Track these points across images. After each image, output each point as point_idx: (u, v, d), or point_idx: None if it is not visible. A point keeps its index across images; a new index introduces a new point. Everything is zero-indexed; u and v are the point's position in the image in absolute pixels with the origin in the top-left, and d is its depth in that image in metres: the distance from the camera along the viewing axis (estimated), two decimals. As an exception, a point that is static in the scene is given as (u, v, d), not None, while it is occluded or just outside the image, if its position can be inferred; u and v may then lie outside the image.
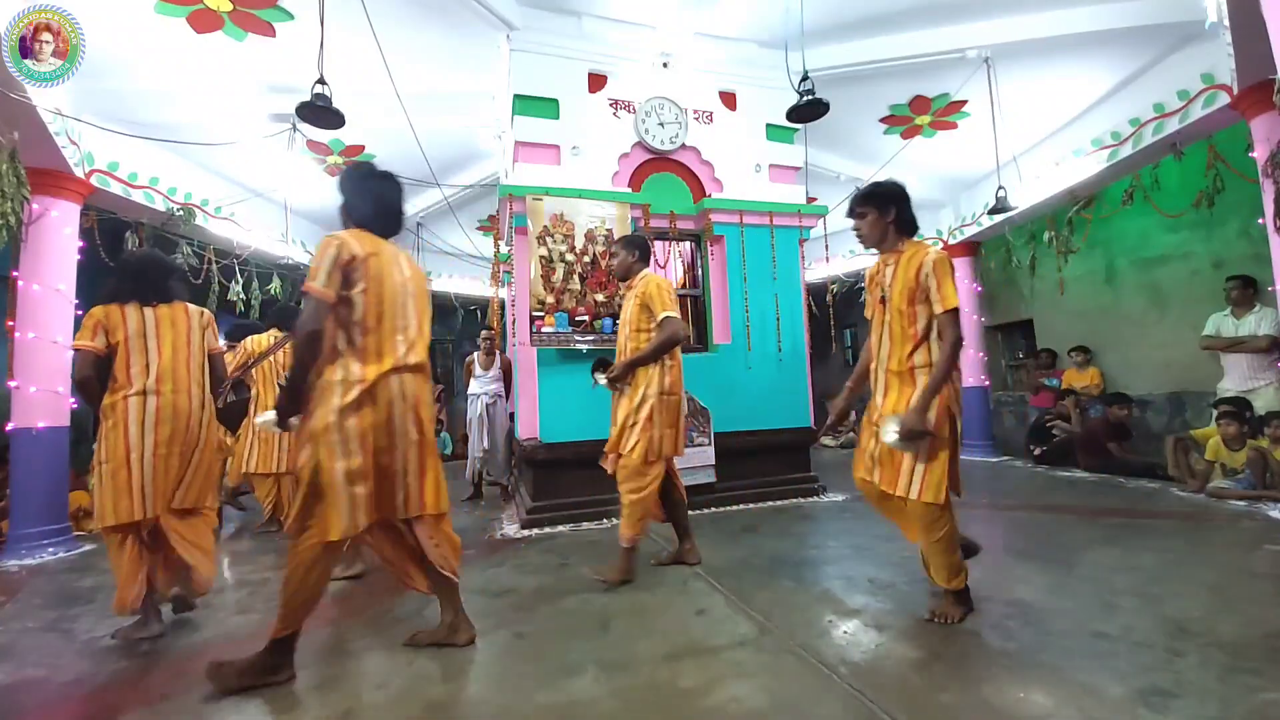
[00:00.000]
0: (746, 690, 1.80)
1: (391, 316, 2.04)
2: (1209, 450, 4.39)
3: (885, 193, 2.31)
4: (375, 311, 2.00)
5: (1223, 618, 2.15)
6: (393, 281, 2.06)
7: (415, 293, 2.16)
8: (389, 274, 2.06)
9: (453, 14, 4.18)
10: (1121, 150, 5.16)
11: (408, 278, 2.15)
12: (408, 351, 2.06)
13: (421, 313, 2.17)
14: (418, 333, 2.13)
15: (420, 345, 2.13)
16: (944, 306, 2.11)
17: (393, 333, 2.04)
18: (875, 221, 2.31)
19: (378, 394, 1.97)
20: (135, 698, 1.95)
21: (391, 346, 2.02)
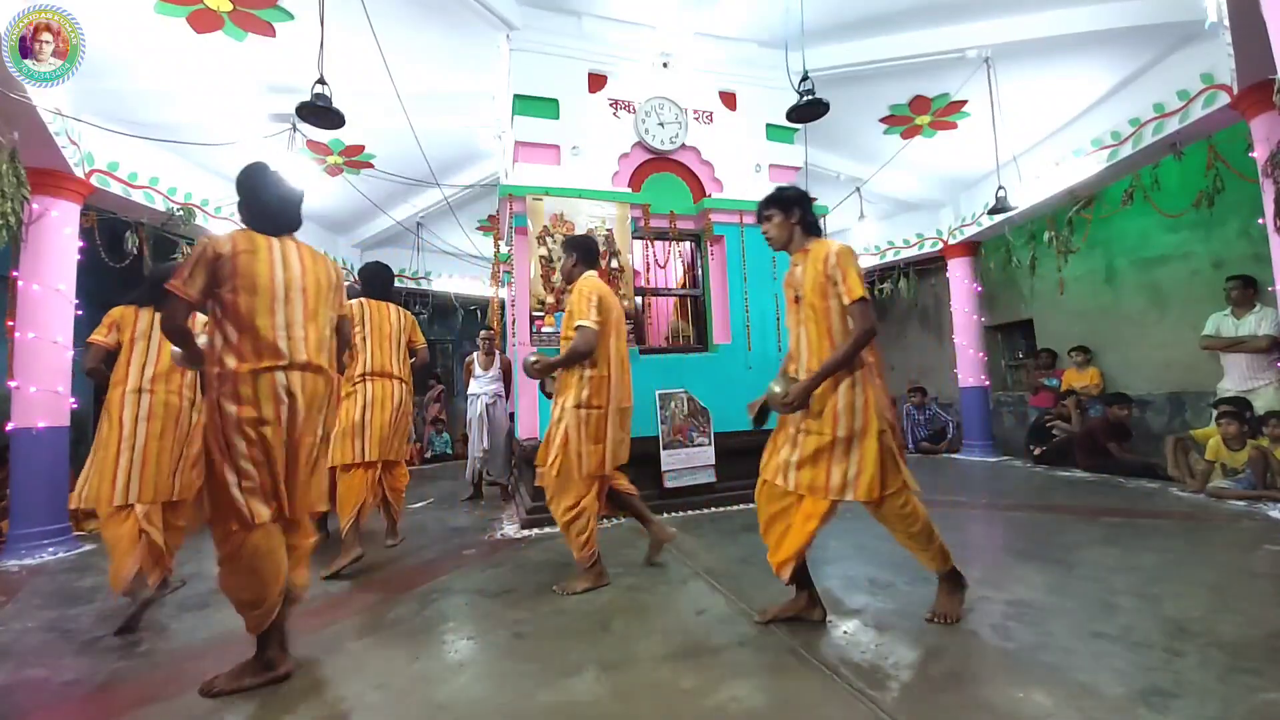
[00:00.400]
0: (747, 690, 1.80)
1: (267, 314, 1.98)
2: (1209, 450, 4.39)
3: (789, 196, 2.36)
4: (247, 309, 1.96)
5: (1223, 618, 2.15)
6: (269, 279, 2.00)
7: (309, 289, 2.09)
8: (263, 272, 1.99)
9: (453, 14, 4.19)
10: (1121, 150, 5.16)
11: (297, 274, 2.07)
12: (294, 349, 2.01)
13: (314, 311, 2.10)
14: (305, 330, 2.06)
15: (312, 343, 2.07)
16: (850, 297, 2.12)
17: (271, 330, 1.98)
18: (781, 224, 2.35)
19: (258, 391, 1.93)
20: (135, 698, 1.95)
21: (270, 344, 1.97)
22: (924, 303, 8.62)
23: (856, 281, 2.12)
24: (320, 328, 2.13)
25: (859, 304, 2.11)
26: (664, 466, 4.41)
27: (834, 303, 2.18)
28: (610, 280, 4.47)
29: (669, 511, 4.32)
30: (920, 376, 8.74)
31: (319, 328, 2.12)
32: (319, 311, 2.13)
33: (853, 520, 4.01)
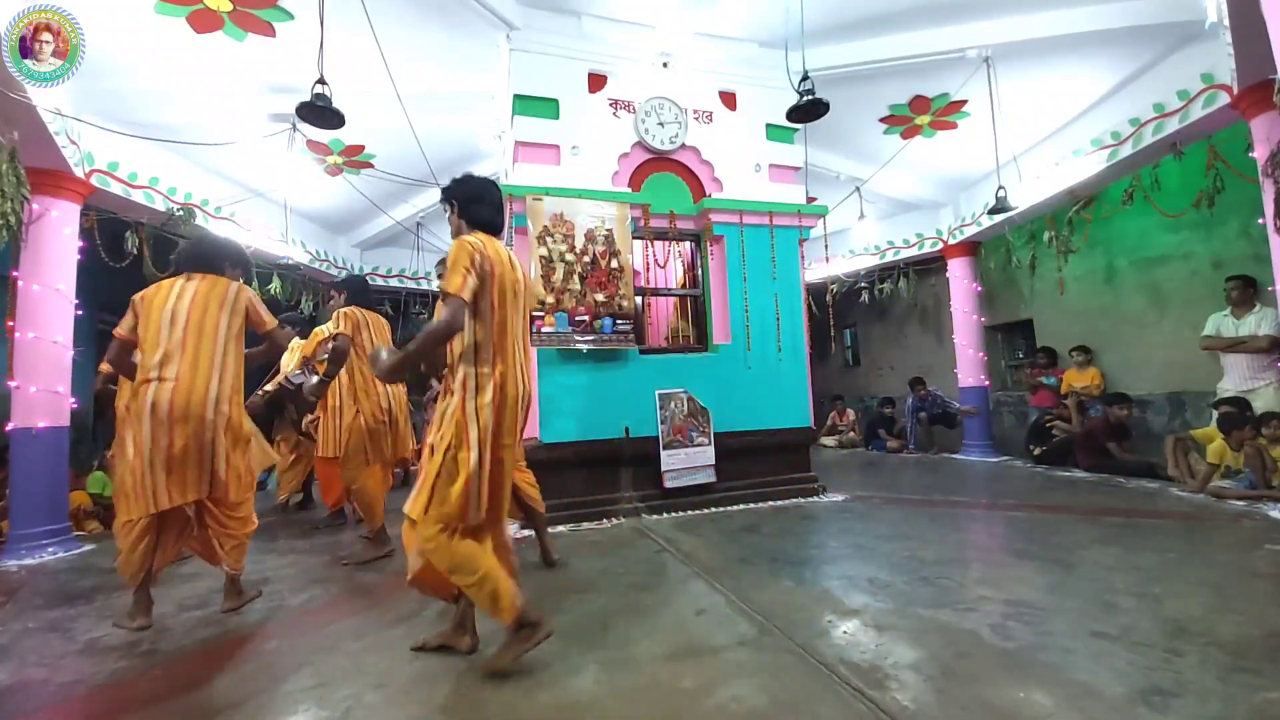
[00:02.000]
0: (747, 690, 1.80)
1: (152, 338, 2.55)
2: (1212, 453, 4.38)
3: (447, 189, 2.21)
4: (143, 336, 2.57)
5: (1223, 617, 2.15)
6: (157, 312, 2.56)
7: (190, 318, 2.57)
8: (155, 306, 2.58)
9: (453, 14, 4.18)
10: (1121, 150, 5.16)
11: (184, 305, 2.58)
12: (161, 365, 2.51)
13: (194, 335, 2.57)
14: (176, 350, 2.54)
15: (174, 361, 2.51)
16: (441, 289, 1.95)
17: (152, 350, 2.53)
18: (451, 217, 2.21)
19: (138, 400, 2.50)
20: (136, 698, 1.95)
21: (146, 361, 2.52)
22: (924, 303, 8.62)
23: (445, 276, 1.94)
24: (190, 349, 2.63)
25: (442, 299, 1.93)
26: (664, 466, 4.41)
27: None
28: (610, 280, 4.47)
29: (669, 511, 4.33)
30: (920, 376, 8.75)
31: (189, 349, 2.62)
32: (200, 333, 2.66)
33: (852, 520, 4.02)
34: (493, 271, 1.99)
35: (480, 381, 1.96)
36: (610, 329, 4.41)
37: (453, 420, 1.94)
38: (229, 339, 2.64)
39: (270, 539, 4.13)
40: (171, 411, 2.46)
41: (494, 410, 1.94)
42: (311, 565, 3.44)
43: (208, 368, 2.56)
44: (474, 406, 1.94)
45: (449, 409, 1.97)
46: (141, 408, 2.47)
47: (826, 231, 6.61)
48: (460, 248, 1.97)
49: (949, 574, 2.78)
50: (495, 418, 1.95)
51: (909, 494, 4.91)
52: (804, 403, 4.95)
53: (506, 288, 2.03)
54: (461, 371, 1.98)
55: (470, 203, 2.16)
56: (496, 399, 1.95)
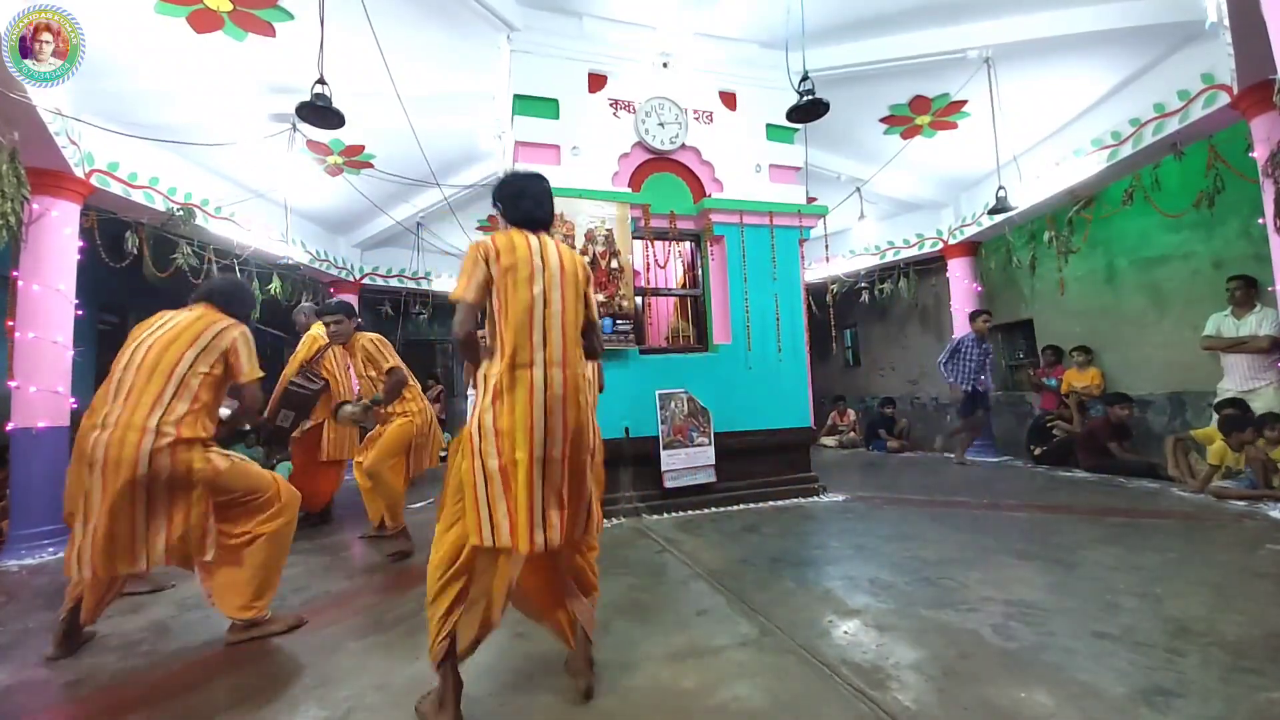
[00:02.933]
0: (748, 690, 1.80)
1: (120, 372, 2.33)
2: (1213, 454, 4.37)
3: (496, 190, 2.07)
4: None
5: (1224, 617, 2.15)
6: (134, 348, 2.35)
7: (149, 354, 2.31)
8: (133, 345, 2.37)
9: (453, 14, 4.18)
10: (1121, 150, 5.16)
11: (163, 333, 2.36)
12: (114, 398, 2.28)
13: (145, 374, 2.28)
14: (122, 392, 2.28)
15: (130, 406, 2.22)
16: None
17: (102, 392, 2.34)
18: (497, 218, 2.15)
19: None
20: (136, 698, 1.95)
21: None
22: (924, 303, 8.61)
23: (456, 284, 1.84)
24: (142, 392, 2.39)
25: (457, 304, 1.81)
26: (664, 467, 4.41)
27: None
28: (610, 280, 4.47)
29: (669, 511, 4.32)
30: (920, 376, 8.74)
31: (139, 392, 2.39)
32: (156, 372, 2.41)
33: (853, 520, 4.02)
34: (500, 264, 1.81)
35: (486, 382, 1.78)
36: (610, 329, 4.40)
37: (467, 428, 1.80)
38: (189, 377, 2.27)
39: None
40: (105, 464, 2.11)
41: (494, 412, 1.72)
42: (312, 565, 3.43)
43: (148, 408, 2.19)
44: (479, 408, 1.75)
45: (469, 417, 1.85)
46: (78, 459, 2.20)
47: (827, 231, 6.61)
48: (469, 251, 1.86)
49: (950, 574, 2.78)
50: (509, 419, 1.72)
51: (910, 494, 4.90)
52: (804, 403, 4.95)
53: (520, 280, 1.81)
54: (479, 372, 1.85)
55: (509, 201, 2.03)
56: (506, 400, 1.73)
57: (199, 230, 5.58)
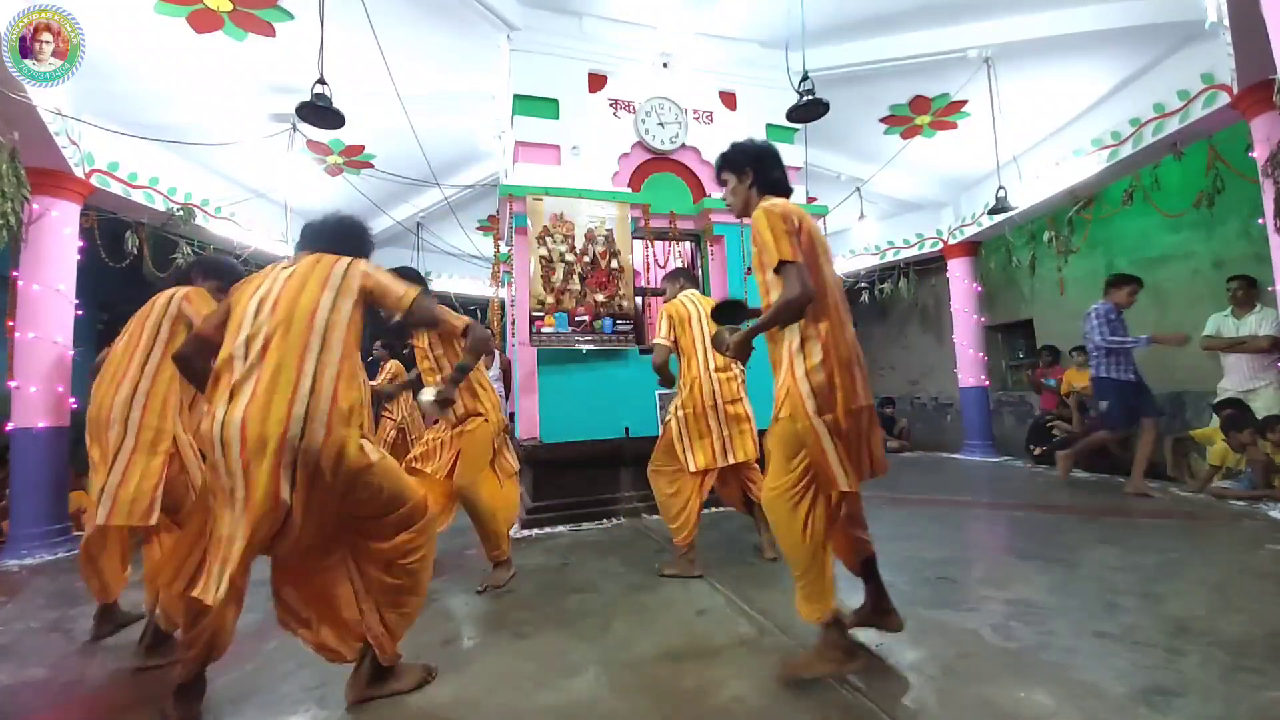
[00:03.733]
0: (748, 690, 1.80)
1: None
2: (1214, 455, 4.36)
3: (739, 154, 2.07)
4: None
5: (1225, 617, 2.14)
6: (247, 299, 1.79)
7: (288, 306, 1.72)
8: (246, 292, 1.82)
9: (453, 14, 4.19)
10: (1121, 150, 5.16)
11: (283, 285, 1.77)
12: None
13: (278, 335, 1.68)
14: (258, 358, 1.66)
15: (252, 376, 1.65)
16: (770, 261, 1.82)
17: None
18: (736, 188, 2.09)
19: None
20: (137, 697, 1.95)
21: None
22: (924, 303, 8.62)
23: (773, 244, 1.80)
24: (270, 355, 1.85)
25: (780, 268, 1.79)
26: (664, 466, 4.40)
27: (773, 281, 1.88)
28: (610, 280, 4.46)
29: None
30: (920, 376, 8.74)
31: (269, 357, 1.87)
32: (283, 334, 1.83)
33: (853, 520, 4.02)
34: (807, 232, 1.87)
35: (808, 345, 1.81)
36: (610, 329, 4.41)
37: (784, 389, 1.84)
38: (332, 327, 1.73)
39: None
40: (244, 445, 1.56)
41: (826, 373, 1.78)
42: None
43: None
44: (803, 370, 1.79)
45: (780, 381, 1.87)
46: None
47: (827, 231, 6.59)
48: (772, 215, 1.84)
49: (950, 574, 2.78)
50: (828, 380, 1.78)
51: (910, 494, 4.90)
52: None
53: (819, 248, 1.89)
54: (787, 340, 1.86)
55: (768, 167, 2.04)
56: (828, 361, 1.79)
57: (199, 230, 5.58)
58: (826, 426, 1.77)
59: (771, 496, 1.87)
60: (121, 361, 2.36)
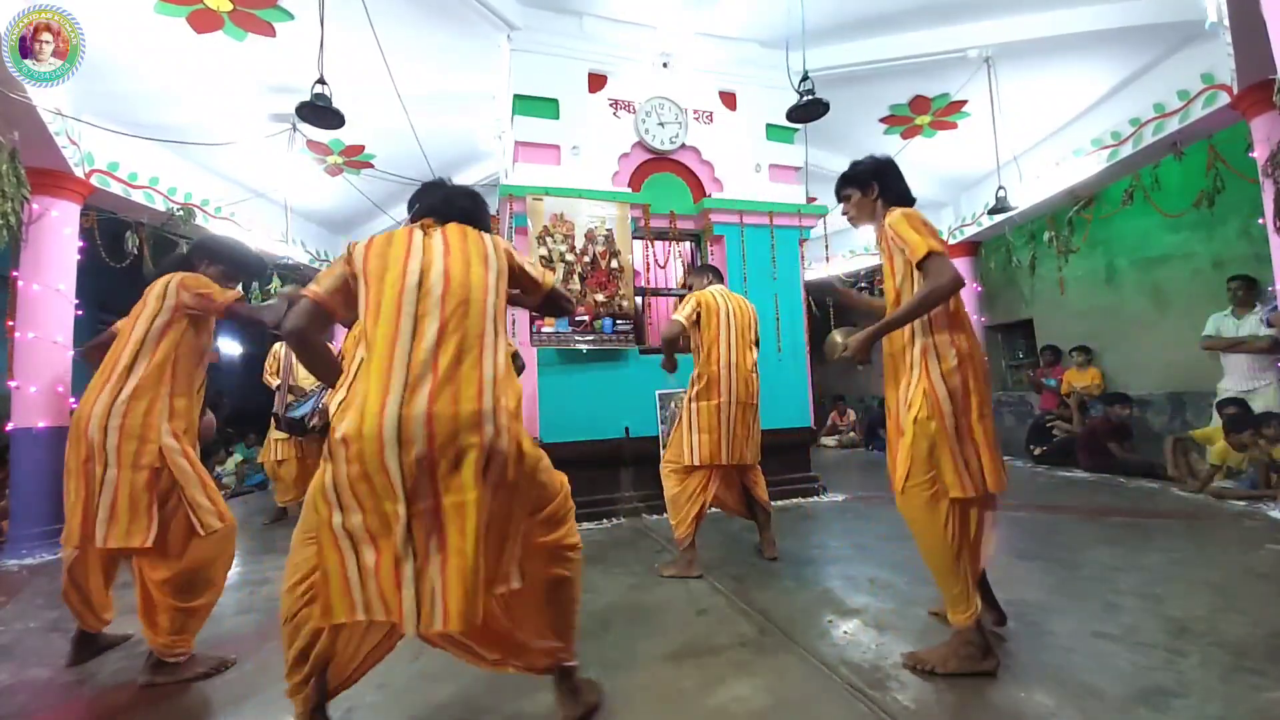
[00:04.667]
0: (748, 690, 1.80)
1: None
2: (1214, 454, 4.36)
3: (864, 170, 2.18)
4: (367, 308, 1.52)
5: (1225, 617, 2.15)
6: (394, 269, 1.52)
7: (460, 283, 1.50)
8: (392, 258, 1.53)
9: (453, 14, 4.18)
10: (1121, 150, 5.16)
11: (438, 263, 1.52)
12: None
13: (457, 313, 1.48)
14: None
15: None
16: (915, 256, 1.86)
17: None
18: (861, 201, 2.19)
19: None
20: (137, 698, 1.95)
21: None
22: (924, 303, 8.61)
23: (918, 239, 1.86)
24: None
25: (927, 260, 1.84)
26: (664, 466, 4.40)
27: (905, 285, 1.99)
28: (610, 280, 4.46)
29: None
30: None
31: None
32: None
33: (853, 520, 4.02)
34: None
35: (942, 349, 1.91)
36: (610, 329, 4.41)
37: (920, 391, 1.90)
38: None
39: (269, 540, 4.13)
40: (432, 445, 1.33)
41: (961, 377, 1.89)
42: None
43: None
44: (939, 372, 1.89)
45: (912, 383, 1.94)
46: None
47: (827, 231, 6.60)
48: (912, 216, 1.95)
49: (950, 574, 2.77)
50: (963, 385, 1.89)
51: (909, 494, 4.90)
52: (804, 403, 4.95)
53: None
54: (919, 344, 1.94)
55: (893, 180, 2.15)
56: (964, 366, 1.90)
57: (199, 230, 5.57)
58: (957, 431, 1.85)
59: (909, 498, 1.91)
60: (108, 363, 2.10)
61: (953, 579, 1.85)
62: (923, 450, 1.88)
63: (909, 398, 1.94)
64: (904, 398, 1.97)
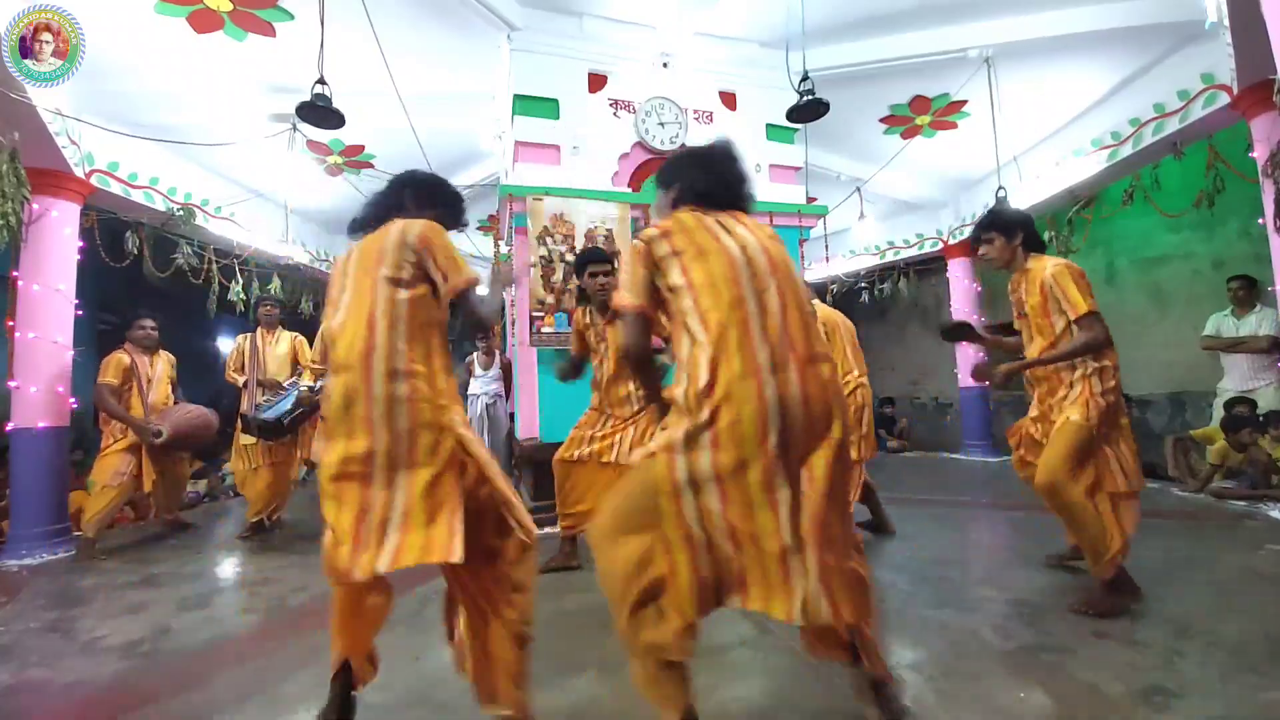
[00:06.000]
0: (748, 690, 1.80)
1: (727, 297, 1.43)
2: (1214, 454, 4.37)
3: (1012, 220, 2.56)
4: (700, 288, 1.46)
5: (1225, 617, 2.15)
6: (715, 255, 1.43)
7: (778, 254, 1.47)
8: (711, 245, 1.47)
9: (453, 14, 4.18)
10: (1121, 150, 5.16)
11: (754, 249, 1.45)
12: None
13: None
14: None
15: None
16: (1075, 313, 2.29)
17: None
18: (1004, 246, 2.57)
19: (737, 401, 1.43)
20: (137, 698, 1.95)
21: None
22: (924, 303, 8.62)
23: (1079, 297, 2.28)
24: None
25: (1085, 319, 2.28)
26: (664, 466, 4.40)
27: (1058, 318, 2.37)
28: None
29: (669, 511, 4.32)
30: (920, 376, 8.74)
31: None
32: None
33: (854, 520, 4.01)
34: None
35: (1104, 373, 2.37)
36: (610, 329, 4.40)
37: (1083, 399, 2.33)
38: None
39: (269, 540, 4.12)
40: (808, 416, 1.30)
41: (1115, 397, 2.36)
42: (312, 565, 3.43)
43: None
44: (1100, 389, 2.33)
45: (1076, 395, 2.35)
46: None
47: (827, 231, 6.60)
48: (1074, 270, 2.41)
49: (950, 574, 2.78)
50: (1116, 403, 2.38)
51: (910, 494, 4.90)
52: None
53: None
54: (1085, 367, 2.37)
55: (1035, 230, 2.62)
56: (1118, 389, 2.39)
57: (199, 230, 5.58)
58: (1107, 437, 2.33)
59: (1059, 477, 2.25)
60: (358, 328, 1.51)
61: (1100, 535, 2.24)
62: (1080, 443, 2.27)
63: (1067, 407, 2.35)
64: (1060, 406, 2.39)
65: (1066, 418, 2.31)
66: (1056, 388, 2.44)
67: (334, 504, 1.47)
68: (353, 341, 1.49)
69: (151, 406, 4.10)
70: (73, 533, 4.17)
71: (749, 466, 1.25)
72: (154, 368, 4.25)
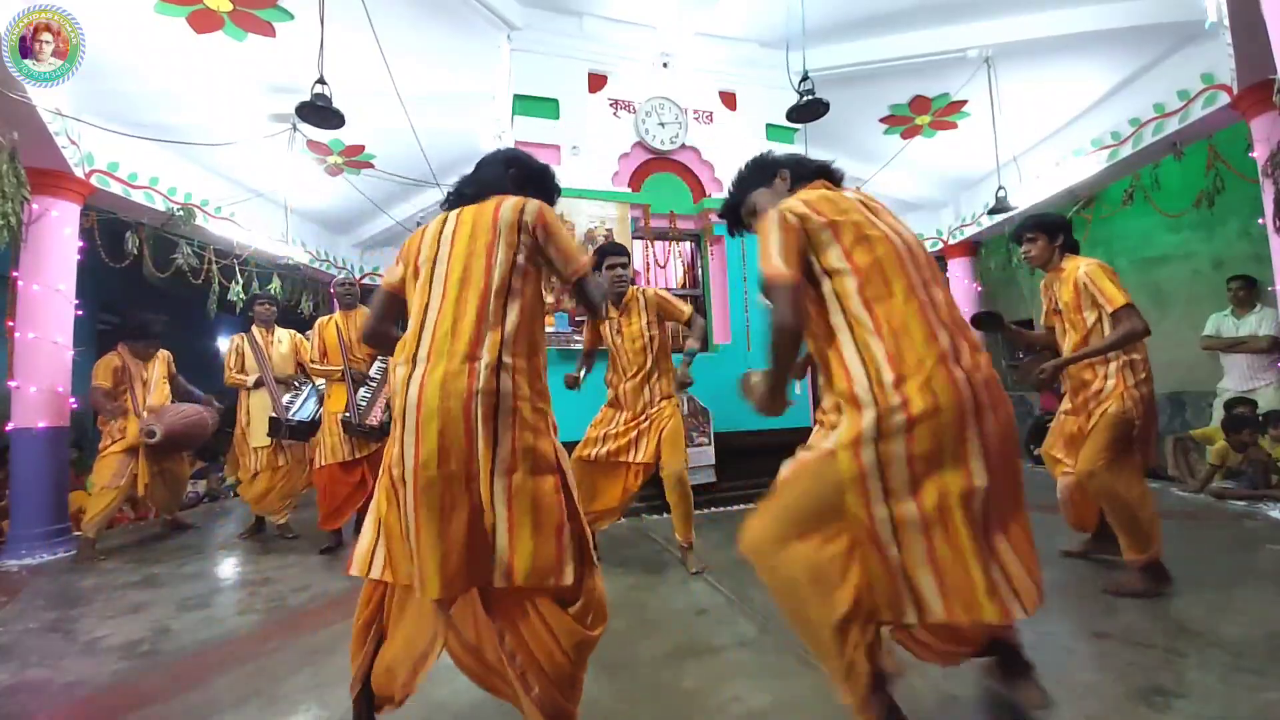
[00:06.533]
0: (748, 690, 1.80)
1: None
2: (1214, 453, 4.36)
3: (1053, 223, 2.68)
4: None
5: (1225, 618, 2.14)
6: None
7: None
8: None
9: (454, 14, 4.18)
10: (1121, 150, 5.16)
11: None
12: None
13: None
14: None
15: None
16: (1112, 306, 2.36)
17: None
18: (1045, 247, 2.66)
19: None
20: (137, 698, 1.95)
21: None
22: (924, 303, 8.61)
23: (1115, 291, 2.36)
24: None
25: (1122, 310, 2.33)
26: (664, 466, 4.40)
27: (1089, 313, 2.47)
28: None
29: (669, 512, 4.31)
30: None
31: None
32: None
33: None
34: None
35: (1135, 365, 2.48)
36: (610, 329, 4.40)
37: (1118, 390, 2.44)
38: None
39: (268, 541, 4.12)
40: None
41: (1149, 388, 2.48)
42: (311, 565, 3.44)
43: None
44: (1133, 381, 2.45)
45: (1111, 387, 2.46)
46: None
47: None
48: (1108, 269, 2.50)
49: (950, 574, 2.77)
50: (1151, 394, 2.48)
51: (909, 494, 4.90)
52: (804, 402, 4.95)
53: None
54: (1118, 360, 2.48)
55: (1071, 234, 2.72)
56: (1150, 381, 2.49)
57: (199, 230, 5.58)
58: (1137, 427, 2.43)
59: (1097, 466, 2.40)
60: (463, 311, 1.39)
61: (1148, 521, 2.38)
62: (1119, 433, 2.40)
63: (1103, 398, 2.47)
64: (1097, 399, 2.49)
65: (1105, 410, 2.44)
66: (1091, 381, 2.54)
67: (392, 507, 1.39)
68: (455, 326, 1.35)
69: (150, 409, 4.10)
70: (72, 533, 4.18)
71: (947, 455, 1.22)
72: (150, 370, 4.23)
